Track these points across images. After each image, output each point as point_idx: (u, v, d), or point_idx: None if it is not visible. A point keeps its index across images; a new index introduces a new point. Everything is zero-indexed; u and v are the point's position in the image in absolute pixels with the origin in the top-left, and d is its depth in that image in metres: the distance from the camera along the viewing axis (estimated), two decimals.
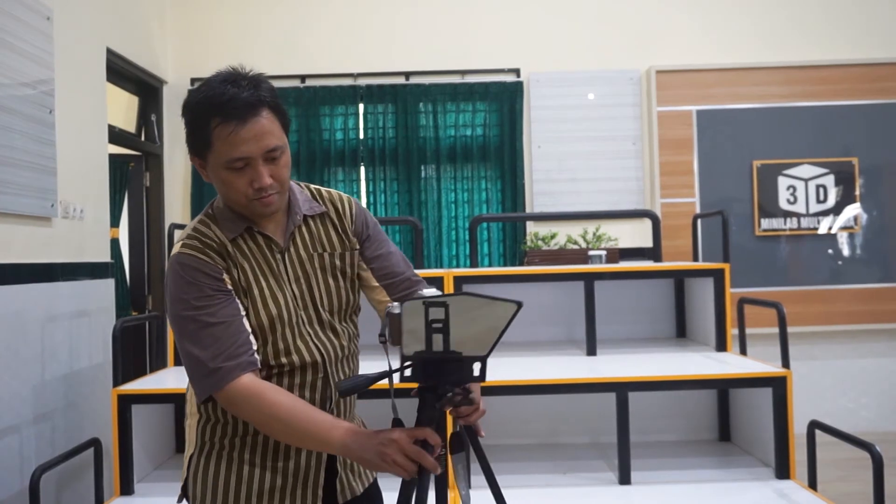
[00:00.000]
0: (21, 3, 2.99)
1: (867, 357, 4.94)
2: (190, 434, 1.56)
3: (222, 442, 1.51)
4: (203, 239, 1.48)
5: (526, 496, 2.42)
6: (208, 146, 1.41)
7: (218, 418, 1.51)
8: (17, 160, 2.92)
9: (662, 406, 3.10)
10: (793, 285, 4.86)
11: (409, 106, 4.98)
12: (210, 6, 5.03)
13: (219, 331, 1.42)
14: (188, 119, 1.45)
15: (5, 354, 2.82)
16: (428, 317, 1.27)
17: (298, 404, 1.41)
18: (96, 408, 3.46)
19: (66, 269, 3.32)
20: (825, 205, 4.89)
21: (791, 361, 2.74)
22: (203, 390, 1.42)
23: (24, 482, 2.81)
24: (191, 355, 1.43)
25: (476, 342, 1.30)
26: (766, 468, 2.65)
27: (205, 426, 1.52)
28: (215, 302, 1.43)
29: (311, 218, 1.58)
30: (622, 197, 4.97)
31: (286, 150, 1.46)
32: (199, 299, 1.42)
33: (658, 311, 3.40)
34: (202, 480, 1.51)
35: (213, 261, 1.46)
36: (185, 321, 1.43)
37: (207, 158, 1.44)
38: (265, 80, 1.46)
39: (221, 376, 1.40)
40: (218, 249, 1.47)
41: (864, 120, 4.90)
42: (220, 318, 1.42)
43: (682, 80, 4.94)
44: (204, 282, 1.43)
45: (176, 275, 1.45)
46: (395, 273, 1.65)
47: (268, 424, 1.40)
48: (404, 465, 1.31)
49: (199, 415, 1.53)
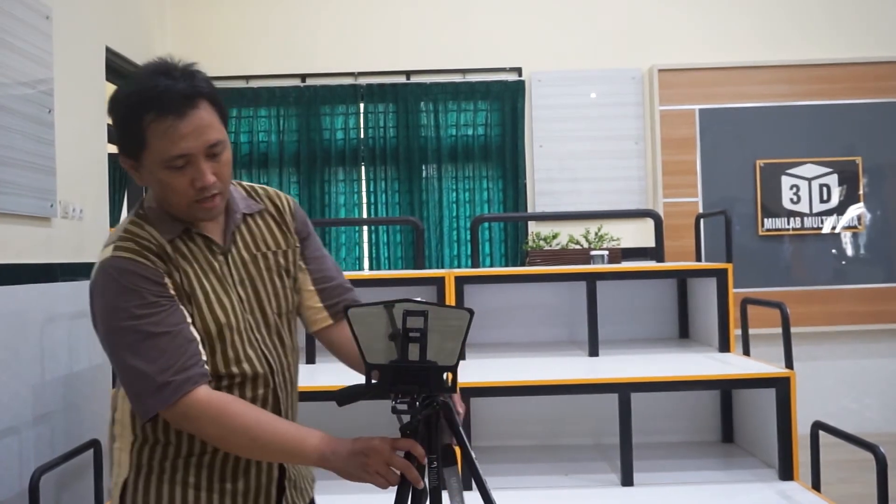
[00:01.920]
0: (20, 2, 2.99)
1: (871, 357, 4.93)
2: (121, 457, 1.42)
3: (162, 465, 1.39)
4: (139, 241, 1.35)
5: (527, 498, 2.42)
6: (142, 145, 1.30)
7: (157, 439, 1.39)
8: (16, 160, 2.92)
9: (665, 407, 3.10)
10: (796, 285, 4.86)
11: (410, 105, 4.98)
12: (209, 5, 5.03)
13: (164, 342, 1.29)
14: (117, 116, 1.34)
15: (4, 355, 2.82)
16: (405, 325, 1.26)
17: (263, 416, 1.32)
18: (96, 409, 3.45)
19: (66, 270, 3.31)
20: (828, 204, 4.89)
21: (794, 362, 2.73)
22: (150, 408, 1.29)
23: (23, 483, 2.81)
24: (133, 370, 1.29)
25: (445, 352, 1.29)
26: (770, 469, 2.64)
27: (141, 448, 1.40)
28: (159, 309, 1.31)
29: (251, 216, 1.49)
30: (624, 197, 4.97)
31: (228, 145, 1.37)
32: (140, 307, 1.29)
33: (660, 311, 3.40)
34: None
35: (154, 264, 1.33)
36: (125, 332, 1.29)
37: (142, 159, 1.32)
38: (199, 71, 1.36)
39: (173, 390, 1.27)
40: (157, 252, 1.35)
41: (867, 119, 4.89)
42: (165, 326, 1.30)
43: (684, 79, 4.94)
44: (145, 287, 1.30)
45: (111, 281, 1.31)
46: (331, 277, 1.57)
47: (228, 439, 1.30)
48: (387, 476, 1.26)
49: (133, 436, 1.40)
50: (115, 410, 1.43)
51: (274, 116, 4.96)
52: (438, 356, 1.30)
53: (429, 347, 1.28)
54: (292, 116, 4.98)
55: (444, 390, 1.32)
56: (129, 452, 1.40)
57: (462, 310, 1.29)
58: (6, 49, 2.88)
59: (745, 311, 3.05)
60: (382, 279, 2.95)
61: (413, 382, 1.30)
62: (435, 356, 1.30)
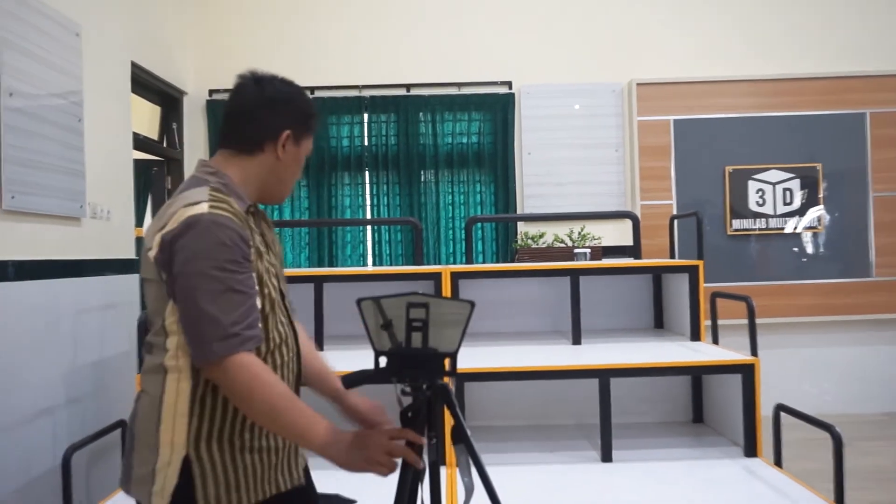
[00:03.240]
0: (52, 20, 2.99)
1: (829, 346, 4.95)
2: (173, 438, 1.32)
3: (221, 434, 1.34)
4: (230, 207, 1.35)
5: (517, 473, 2.43)
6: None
7: (213, 414, 1.34)
8: (49, 165, 2.93)
9: (641, 391, 3.11)
10: (761, 280, 4.87)
11: (410, 115, 4.98)
12: (228, 24, 5.02)
13: (240, 299, 1.29)
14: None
15: (40, 343, 2.83)
16: (409, 315, 1.28)
17: (288, 392, 1.30)
18: (123, 392, 3.46)
19: (95, 266, 3.32)
20: (791, 207, 4.91)
21: (759, 350, 2.75)
22: (214, 351, 1.26)
23: (56, 460, 2.82)
24: (207, 315, 1.26)
25: (446, 339, 1.31)
26: (736, 447, 2.66)
27: (199, 424, 1.33)
28: (243, 270, 1.31)
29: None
30: (605, 199, 4.98)
31: None
32: (230, 262, 1.29)
33: (637, 304, 3.41)
34: (213, 479, 1.33)
35: (244, 225, 1.35)
36: (210, 280, 1.27)
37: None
38: None
39: (239, 342, 1.27)
40: (243, 220, 1.36)
41: (827, 129, 4.91)
42: (244, 287, 1.30)
43: (660, 92, 4.95)
44: (239, 246, 1.31)
45: (208, 232, 1.28)
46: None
47: (254, 404, 1.27)
48: (387, 465, 1.27)
49: (189, 416, 1.33)
50: (162, 393, 1.33)
51: None
52: (440, 343, 1.31)
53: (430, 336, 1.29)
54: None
55: (444, 374, 1.34)
56: (185, 432, 1.32)
57: (464, 301, 1.30)
58: (40, 63, 2.89)
59: (715, 303, 3.06)
60: (384, 274, 2.95)
61: (416, 367, 1.31)
62: (436, 343, 1.31)
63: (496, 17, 5.06)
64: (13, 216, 2.72)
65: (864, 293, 4.87)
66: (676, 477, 2.36)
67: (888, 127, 4.91)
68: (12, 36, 2.70)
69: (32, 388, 2.77)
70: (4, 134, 2.64)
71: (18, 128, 2.72)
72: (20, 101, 2.74)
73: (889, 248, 4.88)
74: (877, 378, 4.95)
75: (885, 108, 4.91)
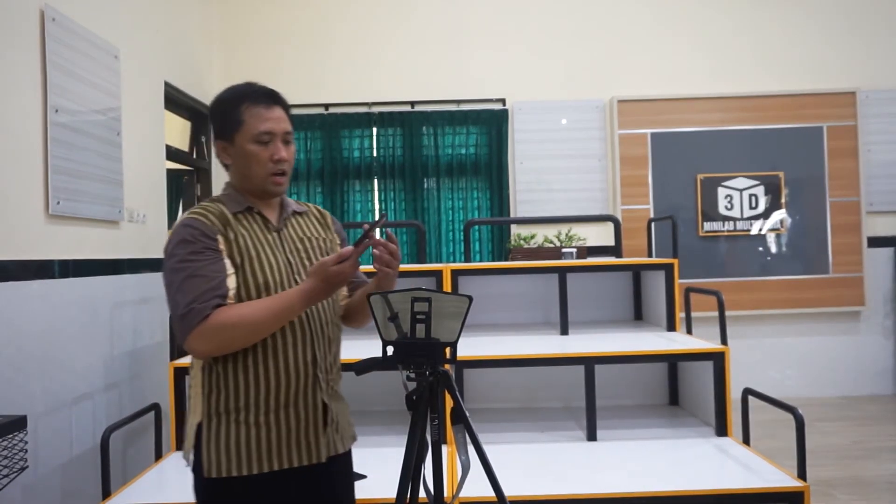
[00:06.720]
0: (93, 45, 2.98)
1: (791, 336, 4.94)
2: (196, 405, 1.41)
3: (227, 409, 1.38)
4: (207, 207, 1.41)
5: (509, 451, 2.43)
6: (238, 125, 1.41)
7: (221, 389, 1.38)
8: (90, 174, 2.92)
9: (622, 376, 3.11)
10: (730, 277, 4.86)
11: (414, 129, 4.96)
12: (249, 46, 5.01)
13: (200, 282, 1.31)
14: (220, 110, 1.45)
15: (81, 334, 2.82)
16: (413, 308, 1.28)
17: (254, 304, 1.33)
18: (156, 378, 3.45)
19: (131, 264, 3.31)
20: (756, 210, 4.89)
21: (728, 339, 2.73)
22: (181, 336, 1.31)
23: (96, 440, 2.81)
24: (172, 302, 1.32)
25: (447, 330, 1.31)
26: (708, 427, 2.65)
27: (209, 396, 1.39)
28: (204, 258, 1.33)
29: (300, 214, 1.55)
30: (589, 204, 4.97)
31: (294, 142, 1.48)
32: (190, 254, 1.33)
33: (619, 298, 3.40)
34: (215, 446, 1.37)
35: (212, 223, 1.37)
36: (174, 273, 1.32)
37: (235, 138, 1.42)
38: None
39: (194, 316, 1.28)
40: (219, 216, 1.40)
41: (789, 141, 4.90)
42: (204, 272, 1.31)
43: (638, 108, 4.93)
44: (199, 239, 1.34)
45: (175, 233, 1.36)
46: (356, 275, 1.63)
47: (246, 337, 1.31)
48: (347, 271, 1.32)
49: (202, 387, 1.40)
50: (192, 367, 1.44)
51: (302, 138, 4.95)
52: (441, 333, 1.30)
53: (433, 327, 1.29)
54: (317, 138, 4.97)
55: (445, 361, 1.33)
56: (201, 401, 1.39)
57: (463, 296, 1.29)
58: (82, 83, 2.88)
59: (688, 298, 3.05)
60: None
61: (420, 355, 1.31)
62: (438, 334, 1.30)
63: (491, 41, 5.05)
64: (59, 220, 2.71)
65: (823, 288, 4.85)
66: (654, 454, 2.35)
67: (843, 139, 4.89)
68: (58, 59, 2.69)
69: (74, 375, 2.76)
70: (51, 146, 2.63)
71: (63, 141, 2.71)
72: (65, 116, 2.73)
73: (844, 247, 4.87)
74: (834, 365, 4.94)
75: (840, 122, 4.89)
